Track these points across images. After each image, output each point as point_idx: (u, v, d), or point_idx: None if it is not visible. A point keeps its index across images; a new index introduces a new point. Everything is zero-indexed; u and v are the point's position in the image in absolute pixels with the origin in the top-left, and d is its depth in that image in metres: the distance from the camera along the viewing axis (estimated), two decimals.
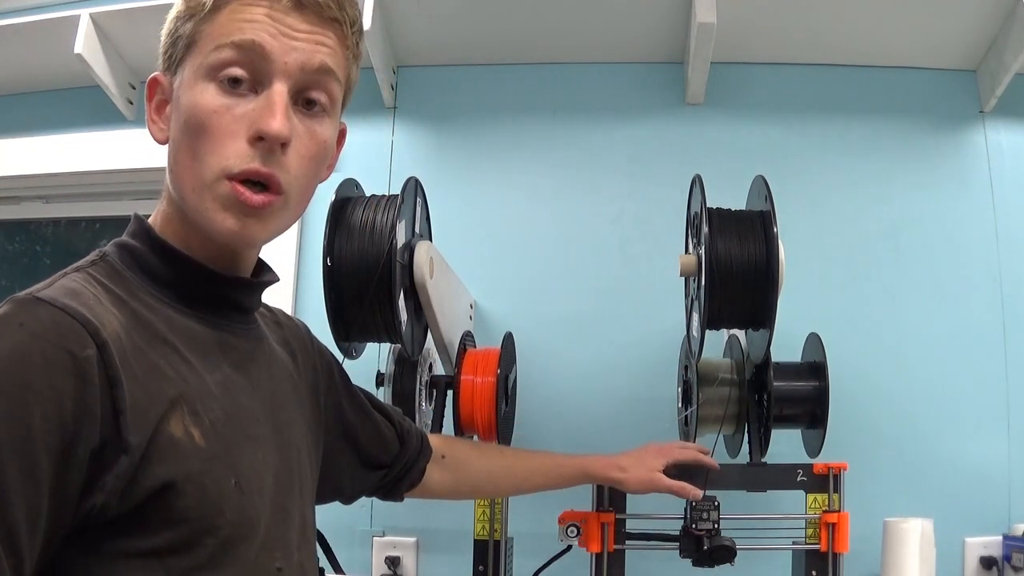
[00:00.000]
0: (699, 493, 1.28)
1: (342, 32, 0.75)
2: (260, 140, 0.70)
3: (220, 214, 0.71)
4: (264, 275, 0.84)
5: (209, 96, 0.71)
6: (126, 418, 0.62)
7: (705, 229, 1.27)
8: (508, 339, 1.54)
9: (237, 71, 0.71)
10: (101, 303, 0.66)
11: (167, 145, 0.76)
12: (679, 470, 1.30)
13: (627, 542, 1.36)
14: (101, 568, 0.62)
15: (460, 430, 1.45)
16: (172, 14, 0.76)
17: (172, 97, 0.75)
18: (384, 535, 1.71)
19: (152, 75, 0.78)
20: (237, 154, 0.70)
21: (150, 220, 0.77)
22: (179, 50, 0.74)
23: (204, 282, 0.76)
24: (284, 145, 0.72)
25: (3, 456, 0.57)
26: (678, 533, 1.33)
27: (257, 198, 0.71)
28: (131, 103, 1.93)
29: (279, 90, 0.71)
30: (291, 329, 0.95)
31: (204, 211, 0.71)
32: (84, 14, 1.78)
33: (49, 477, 0.59)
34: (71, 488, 0.60)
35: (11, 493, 0.57)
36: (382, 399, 1.50)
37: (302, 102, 0.74)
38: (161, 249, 0.74)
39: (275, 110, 0.70)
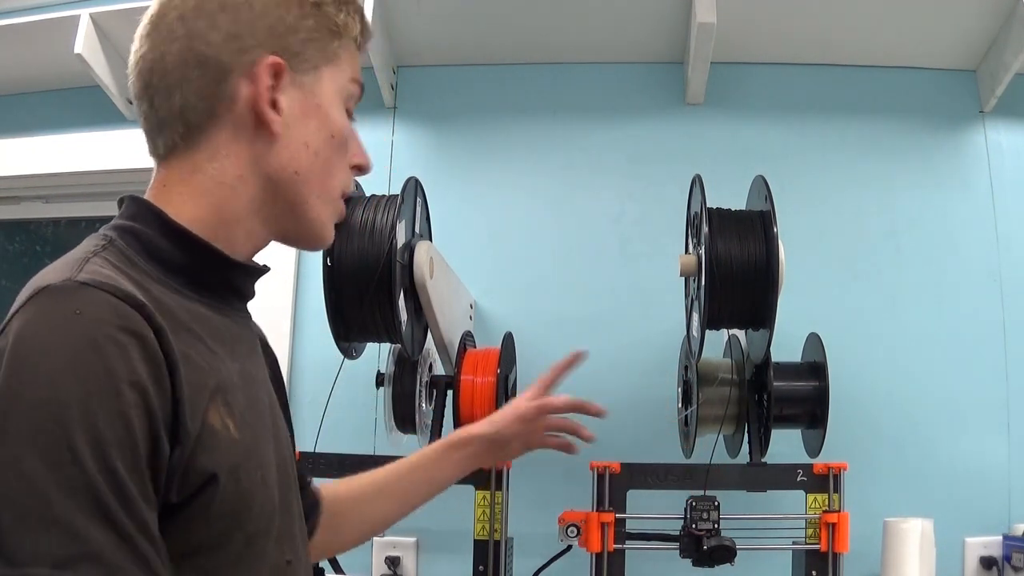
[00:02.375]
0: (567, 398, 1.15)
1: None
2: (359, 170, 0.82)
3: (331, 228, 0.80)
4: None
5: (347, 122, 0.80)
6: (185, 406, 0.60)
7: (705, 229, 1.27)
8: (508, 339, 1.54)
9: (353, 107, 0.81)
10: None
11: (277, 137, 0.73)
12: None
13: (627, 542, 1.36)
14: None
15: None
16: (300, 9, 0.75)
17: (292, 95, 0.74)
18: (384, 535, 1.71)
19: (276, 59, 0.73)
20: (349, 177, 0.81)
21: (154, 201, 0.72)
22: (314, 55, 0.76)
23: (215, 267, 0.74)
24: None
25: (111, 451, 0.55)
26: (678, 533, 1.33)
27: None
28: (131, 103, 1.92)
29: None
30: (260, 334, 0.91)
31: (322, 219, 0.79)
32: (84, 14, 1.78)
33: (146, 461, 0.57)
34: (160, 471, 0.59)
35: (128, 487, 0.55)
36: (382, 399, 1.51)
37: None
38: (174, 233, 0.71)
39: (363, 146, 0.83)
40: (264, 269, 0.81)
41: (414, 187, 1.38)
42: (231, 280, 0.76)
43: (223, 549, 0.64)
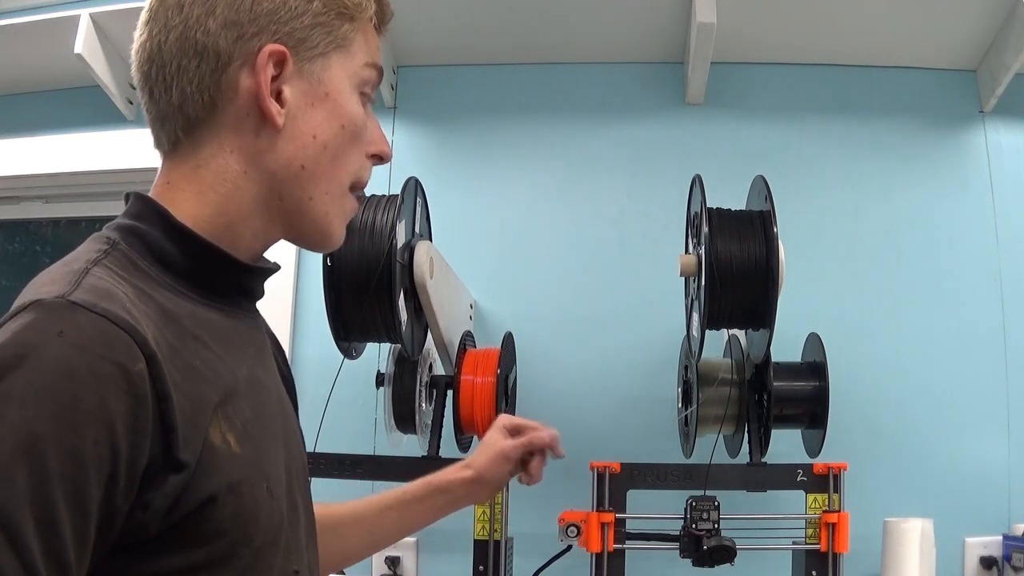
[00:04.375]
0: (554, 432, 1.10)
1: None
2: (377, 159, 0.78)
3: (341, 225, 0.76)
4: (263, 262, 0.80)
5: (360, 110, 0.75)
6: (177, 436, 0.57)
7: (705, 229, 1.27)
8: (508, 339, 1.54)
9: (371, 92, 0.77)
10: (134, 304, 0.60)
11: (278, 130, 0.70)
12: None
13: (627, 542, 1.36)
14: None
15: (460, 430, 1.45)
16: None
17: (299, 85, 0.70)
18: None
19: (278, 47, 0.68)
20: (363, 166, 0.77)
21: (159, 199, 0.69)
22: (321, 42, 0.71)
23: (223, 269, 0.71)
24: None
25: (52, 485, 0.52)
26: (678, 533, 1.33)
27: None
28: (131, 103, 1.93)
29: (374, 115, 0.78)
30: (269, 331, 0.88)
31: (329, 217, 0.74)
32: (84, 14, 1.78)
33: (98, 503, 0.54)
34: (118, 511, 0.56)
35: (62, 525, 0.52)
36: (382, 399, 1.51)
37: None
38: (179, 234, 0.68)
39: (383, 133, 0.79)
40: (274, 268, 0.79)
41: (414, 187, 1.38)
42: (240, 282, 0.74)
43: (229, 565, 0.62)
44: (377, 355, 1.59)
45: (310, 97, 0.71)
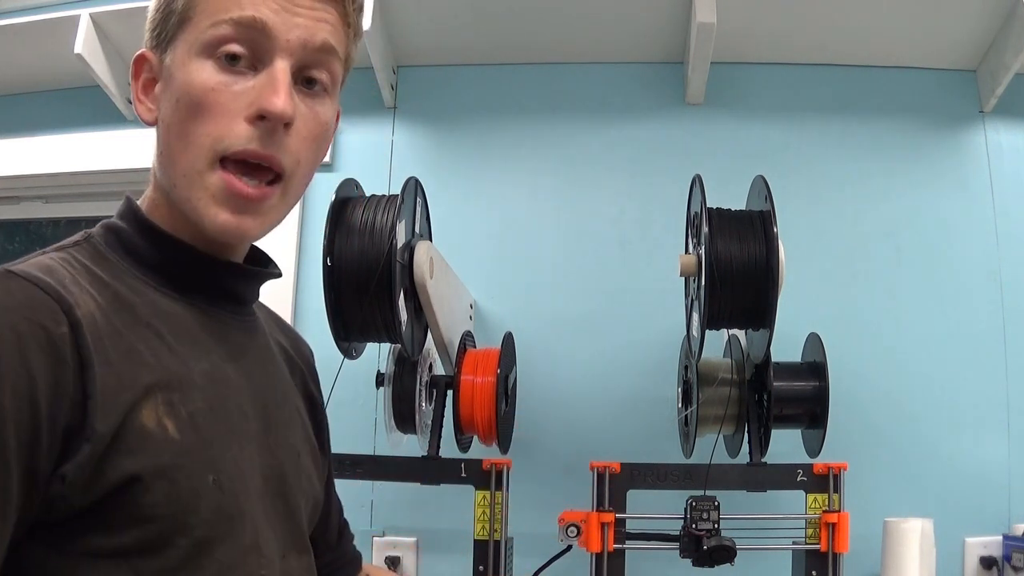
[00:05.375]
0: None
1: (343, 9, 0.73)
2: (261, 120, 0.67)
3: (212, 208, 0.68)
4: (267, 266, 0.80)
5: (206, 73, 0.67)
6: (95, 403, 0.59)
7: (705, 229, 1.27)
8: (508, 339, 1.54)
9: (236, 48, 0.68)
10: (78, 283, 0.63)
11: (155, 128, 0.72)
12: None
13: (627, 542, 1.36)
14: (66, 568, 0.59)
15: (460, 430, 1.45)
16: None
17: (162, 76, 0.71)
18: (384, 535, 1.71)
19: (138, 52, 0.73)
20: (235, 134, 0.67)
21: (142, 198, 0.74)
22: (171, 26, 0.70)
23: (196, 267, 0.72)
24: (287, 125, 0.68)
25: None
26: (678, 533, 1.33)
27: (252, 191, 0.68)
28: (131, 103, 1.93)
29: (281, 67, 0.68)
30: (297, 349, 0.90)
31: (195, 202, 0.68)
32: (84, 14, 1.78)
33: (18, 458, 0.55)
34: (41, 471, 0.57)
35: None
36: (382, 399, 1.51)
37: (302, 81, 0.71)
38: (149, 231, 0.71)
39: (278, 88, 0.67)
40: (267, 274, 0.79)
41: (414, 187, 1.38)
42: (217, 281, 0.74)
43: (163, 553, 0.62)
44: (377, 355, 1.59)
45: (164, 86, 0.72)
